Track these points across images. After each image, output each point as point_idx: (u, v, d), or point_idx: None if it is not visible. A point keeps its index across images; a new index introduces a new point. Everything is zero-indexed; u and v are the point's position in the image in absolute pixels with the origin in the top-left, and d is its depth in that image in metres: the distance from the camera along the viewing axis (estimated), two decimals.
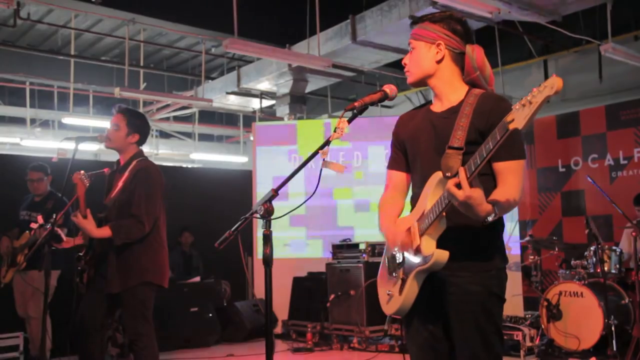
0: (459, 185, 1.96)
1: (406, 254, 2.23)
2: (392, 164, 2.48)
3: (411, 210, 2.34)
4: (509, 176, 2.16)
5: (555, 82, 1.73)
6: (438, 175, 2.15)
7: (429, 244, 2.13)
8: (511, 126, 1.82)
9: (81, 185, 3.70)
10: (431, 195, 2.15)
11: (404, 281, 2.22)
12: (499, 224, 2.23)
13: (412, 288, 2.19)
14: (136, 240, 3.71)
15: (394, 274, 2.30)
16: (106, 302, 3.75)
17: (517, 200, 2.14)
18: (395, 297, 2.27)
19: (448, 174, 2.05)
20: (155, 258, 3.81)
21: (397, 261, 2.28)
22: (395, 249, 2.30)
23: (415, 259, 2.17)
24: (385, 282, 2.36)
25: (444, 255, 2.08)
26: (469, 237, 2.16)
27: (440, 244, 2.12)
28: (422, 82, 2.37)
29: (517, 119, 1.81)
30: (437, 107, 2.35)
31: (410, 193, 2.45)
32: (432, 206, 2.12)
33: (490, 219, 2.03)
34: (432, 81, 2.34)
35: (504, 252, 2.28)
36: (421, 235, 2.16)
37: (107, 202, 3.82)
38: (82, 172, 3.72)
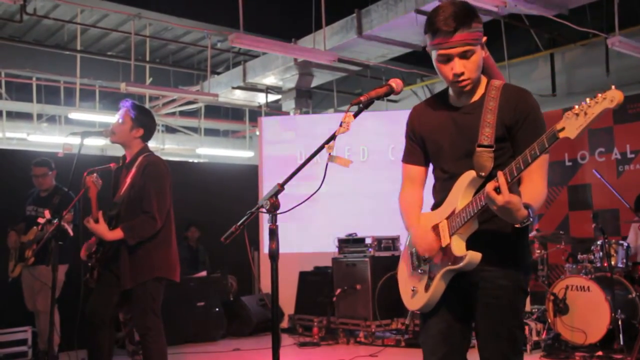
0: (497, 189, 1.92)
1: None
2: (409, 158, 2.40)
3: (433, 206, 2.30)
4: (535, 174, 2.10)
5: (615, 95, 1.68)
6: (471, 174, 2.11)
7: (459, 244, 2.11)
8: (561, 135, 1.78)
9: (93, 187, 3.66)
10: (463, 195, 2.12)
11: (430, 279, 2.20)
12: None
13: (439, 286, 2.18)
14: (149, 237, 3.72)
15: (419, 270, 2.26)
16: (116, 297, 3.77)
17: (545, 197, 2.13)
18: (420, 294, 2.25)
19: (482, 174, 2.03)
20: (166, 253, 3.83)
21: (423, 257, 2.24)
22: None
23: (443, 258, 2.15)
24: (409, 277, 2.33)
25: (477, 256, 2.06)
26: (499, 236, 2.14)
27: (469, 242, 2.10)
28: None
29: (569, 128, 1.76)
30: (456, 101, 2.27)
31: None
32: (465, 206, 2.09)
33: (525, 222, 1.99)
34: None
35: (530, 248, 2.28)
36: (451, 234, 2.14)
37: (117, 199, 3.82)
38: (94, 174, 3.69)
